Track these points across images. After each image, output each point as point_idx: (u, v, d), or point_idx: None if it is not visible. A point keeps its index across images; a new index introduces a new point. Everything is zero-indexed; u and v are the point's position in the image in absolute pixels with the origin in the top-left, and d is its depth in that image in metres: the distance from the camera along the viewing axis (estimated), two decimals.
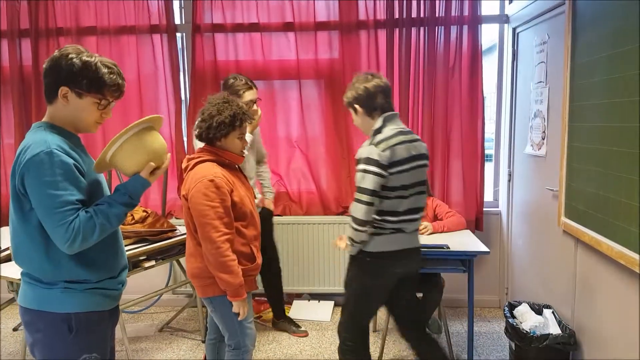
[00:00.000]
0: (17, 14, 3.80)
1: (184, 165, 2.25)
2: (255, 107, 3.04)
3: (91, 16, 3.79)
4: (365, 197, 2.16)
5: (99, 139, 3.87)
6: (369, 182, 2.15)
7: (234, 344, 2.28)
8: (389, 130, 2.23)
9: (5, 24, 3.80)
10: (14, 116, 3.85)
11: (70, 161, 1.55)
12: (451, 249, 2.80)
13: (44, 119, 1.65)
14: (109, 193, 1.76)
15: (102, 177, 1.78)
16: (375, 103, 2.27)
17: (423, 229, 3.08)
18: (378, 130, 2.24)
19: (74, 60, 1.58)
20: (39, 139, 1.54)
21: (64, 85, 1.58)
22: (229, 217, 2.10)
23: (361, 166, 2.19)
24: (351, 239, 2.25)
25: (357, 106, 2.30)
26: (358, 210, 2.18)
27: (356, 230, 2.21)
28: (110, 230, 1.63)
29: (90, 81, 1.59)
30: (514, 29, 3.63)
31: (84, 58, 1.59)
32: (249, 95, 3.00)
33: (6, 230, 3.34)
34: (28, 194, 1.54)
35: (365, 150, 2.20)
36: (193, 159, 2.20)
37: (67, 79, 1.58)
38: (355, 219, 2.19)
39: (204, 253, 2.11)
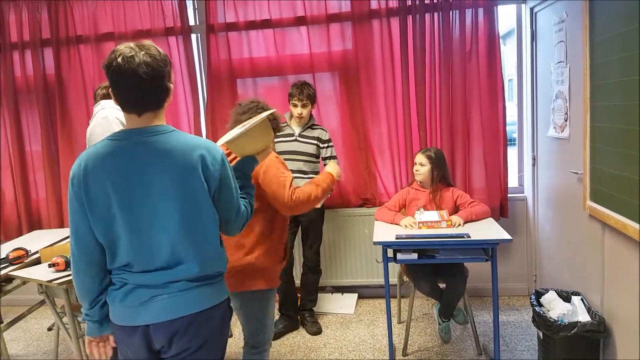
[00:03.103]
0: (39, 24, 3.91)
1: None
2: None
3: (109, 22, 3.87)
4: None
5: None
6: None
7: (253, 342, 2.30)
8: None
9: (28, 35, 3.92)
10: (40, 124, 3.97)
11: None
12: (472, 238, 2.74)
13: (162, 122, 1.59)
14: None
15: None
16: None
17: (454, 224, 2.95)
18: None
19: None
20: (203, 139, 1.62)
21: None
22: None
23: None
24: None
25: None
26: None
27: None
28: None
29: None
30: (531, 9, 3.51)
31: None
32: None
33: (39, 234, 3.46)
34: (221, 189, 1.61)
35: None
36: None
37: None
38: None
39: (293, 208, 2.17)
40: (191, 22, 3.90)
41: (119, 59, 1.45)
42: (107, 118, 2.80)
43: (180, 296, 1.56)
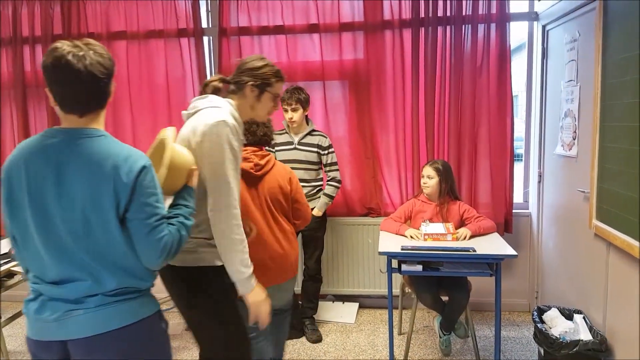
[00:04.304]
0: (51, 20, 3.92)
1: (262, 162, 2.42)
2: None
3: (121, 21, 3.88)
4: None
5: (129, 144, 3.93)
6: None
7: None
8: None
9: (40, 30, 3.93)
10: (47, 119, 3.97)
11: None
12: (477, 252, 2.75)
13: (100, 126, 1.54)
14: None
15: None
16: None
17: (462, 236, 2.96)
18: None
19: None
20: (129, 148, 1.56)
21: None
22: None
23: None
24: None
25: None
26: None
27: None
28: None
29: None
30: (543, 27, 3.54)
31: None
32: None
33: None
34: (131, 205, 1.51)
35: None
36: (267, 155, 2.47)
37: None
38: None
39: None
40: (204, 25, 3.91)
41: (69, 57, 1.37)
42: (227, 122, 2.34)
43: (98, 311, 1.45)
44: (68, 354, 1.47)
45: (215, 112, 1.80)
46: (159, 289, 3.29)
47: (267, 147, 2.57)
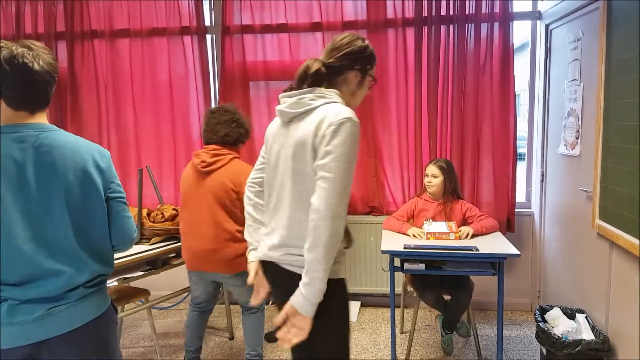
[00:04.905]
0: (54, 18, 3.92)
1: (210, 160, 2.57)
2: None
3: (124, 18, 3.89)
4: None
5: (132, 141, 3.96)
6: None
7: (257, 307, 2.77)
8: None
9: (43, 28, 3.93)
10: (50, 116, 3.97)
11: None
12: (480, 251, 2.75)
13: (46, 122, 1.57)
14: None
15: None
16: None
17: (464, 234, 2.95)
18: None
19: None
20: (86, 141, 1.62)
21: None
22: None
23: None
24: None
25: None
26: None
27: None
28: None
29: None
30: (546, 26, 3.53)
31: None
32: None
33: None
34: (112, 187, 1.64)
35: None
36: (224, 154, 2.60)
37: None
38: None
39: None
40: (207, 23, 3.91)
41: (27, 56, 1.44)
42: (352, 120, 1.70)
43: (78, 304, 1.50)
44: (34, 358, 1.45)
45: (336, 108, 1.58)
46: (159, 289, 3.26)
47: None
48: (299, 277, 1.54)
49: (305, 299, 1.50)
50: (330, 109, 1.58)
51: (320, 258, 1.48)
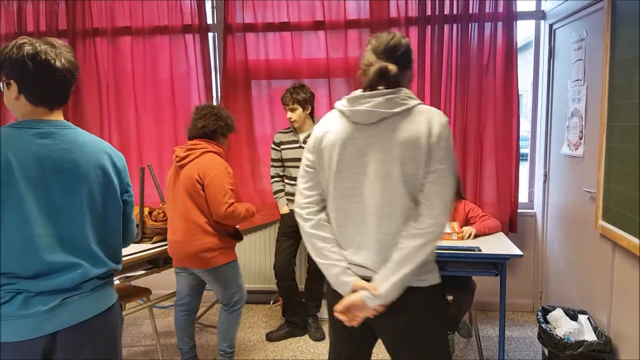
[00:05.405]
0: (56, 15, 3.91)
1: (182, 154, 2.67)
2: None
3: (126, 16, 3.87)
4: None
5: (133, 140, 3.96)
6: None
7: (233, 302, 2.80)
8: None
9: (45, 26, 3.92)
10: None
11: None
12: (483, 252, 2.74)
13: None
14: None
15: None
16: None
17: (466, 234, 2.95)
18: None
19: None
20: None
21: None
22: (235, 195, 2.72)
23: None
24: None
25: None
26: None
27: None
28: None
29: None
30: (550, 26, 3.52)
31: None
32: None
33: None
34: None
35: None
36: (197, 149, 2.66)
37: None
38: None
39: (227, 221, 2.65)
40: (209, 21, 3.90)
41: (50, 53, 1.45)
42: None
43: (92, 294, 1.52)
44: (51, 351, 1.44)
45: (432, 108, 1.57)
46: (161, 288, 3.26)
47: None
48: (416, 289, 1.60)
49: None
50: (429, 108, 1.57)
51: (424, 259, 1.56)
